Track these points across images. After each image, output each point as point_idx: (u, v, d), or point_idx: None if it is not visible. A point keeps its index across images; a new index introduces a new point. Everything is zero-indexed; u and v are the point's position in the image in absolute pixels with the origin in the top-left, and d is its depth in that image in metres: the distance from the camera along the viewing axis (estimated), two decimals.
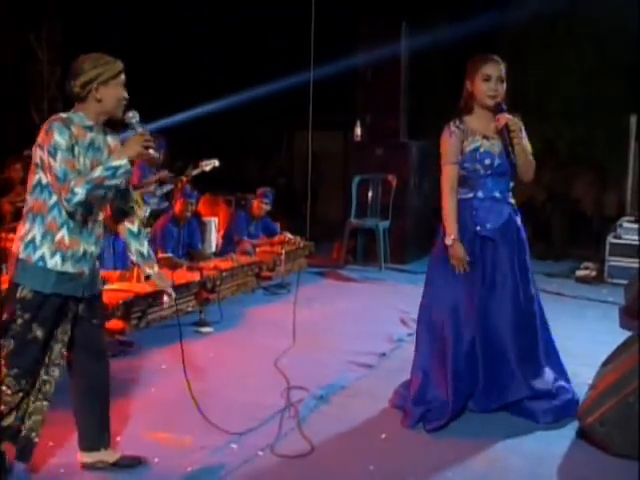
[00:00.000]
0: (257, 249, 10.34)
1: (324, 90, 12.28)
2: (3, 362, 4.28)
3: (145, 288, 7.49)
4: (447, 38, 12.18)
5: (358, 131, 12.16)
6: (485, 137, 5.52)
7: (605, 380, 5.22)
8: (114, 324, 7.26)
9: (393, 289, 10.02)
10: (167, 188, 10.49)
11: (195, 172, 10.38)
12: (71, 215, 4.23)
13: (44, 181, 4.22)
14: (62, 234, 4.25)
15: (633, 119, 11.66)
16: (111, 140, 4.47)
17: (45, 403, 4.47)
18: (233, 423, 5.27)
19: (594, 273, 10.78)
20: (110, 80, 4.30)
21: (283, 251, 10.14)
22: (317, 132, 12.96)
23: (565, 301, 9.52)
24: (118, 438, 4.98)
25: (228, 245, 10.32)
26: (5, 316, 4.27)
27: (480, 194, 5.54)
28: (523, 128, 5.63)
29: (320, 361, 6.90)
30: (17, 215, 11.28)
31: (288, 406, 5.70)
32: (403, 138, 12.11)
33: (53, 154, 4.13)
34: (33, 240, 4.25)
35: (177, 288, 8.02)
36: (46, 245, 4.23)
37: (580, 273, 10.88)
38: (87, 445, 4.64)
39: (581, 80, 12.38)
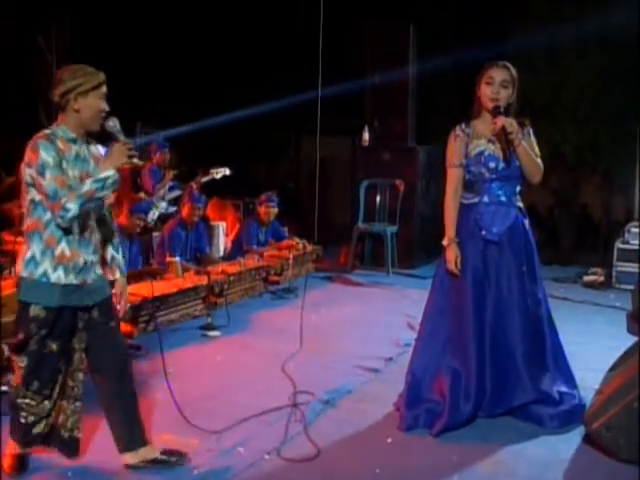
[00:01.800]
0: (265, 254, 10.34)
1: (332, 95, 12.28)
2: (20, 380, 4.39)
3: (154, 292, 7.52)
4: (455, 43, 12.18)
5: (366, 136, 12.15)
6: (490, 141, 5.53)
7: (611, 385, 5.22)
8: (122, 327, 7.27)
9: (400, 294, 10.02)
10: (176, 193, 10.54)
11: (205, 179, 10.45)
12: (68, 229, 4.27)
13: (37, 199, 4.26)
14: (62, 247, 4.30)
15: None
16: (95, 150, 4.53)
17: (78, 404, 4.62)
18: (240, 426, 5.29)
19: (602, 278, 10.76)
20: (90, 91, 4.32)
21: (291, 255, 10.15)
22: (325, 137, 12.97)
23: (572, 306, 9.50)
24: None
25: (237, 252, 10.33)
26: (21, 336, 4.33)
27: (486, 199, 5.55)
28: (532, 131, 5.66)
29: (327, 365, 6.91)
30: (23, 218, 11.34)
31: (295, 410, 5.71)
32: (411, 143, 12.10)
33: (42, 172, 4.16)
34: (33, 257, 4.29)
35: (185, 292, 8.08)
36: (47, 261, 4.28)
37: (588, 278, 10.86)
38: (122, 447, 4.69)
39: (589, 85, 12.36)
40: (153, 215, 10.22)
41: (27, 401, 4.41)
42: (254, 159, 16.41)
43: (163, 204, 10.51)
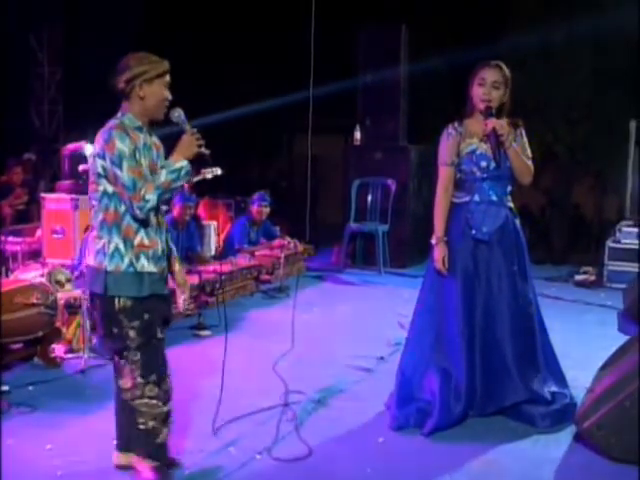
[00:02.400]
0: (256, 253, 10.32)
1: (324, 94, 12.28)
2: (134, 379, 4.27)
3: None
4: (448, 42, 12.19)
5: (358, 135, 12.16)
6: (482, 140, 5.54)
7: (602, 384, 5.22)
8: None
9: (392, 293, 10.02)
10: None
11: (196, 179, 10.36)
12: (144, 219, 4.21)
13: (110, 190, 4.18)
14: (140, 237, 4.23)
15: (633, 124, 11.65)
16: (156, 139, 4.47)
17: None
18: (231, 426, 5.29)
19: (593, 277, 10.78)
20: (155, 79, 4.27)
21: (282, 255, 10.13)
22: (317, 136, 12.97)
23: (564, 305, 9.51)
24: (116, 441, 4.98)
25: (229, 251, 10.31)
26: (115, 330, 4.23)
27: (477, 197, 5.55)
28: (524, 132, 5.66)
29: (318, 364, 6.90)
30: (17, 218, 11.34)
31: (286, 409, 5.71)
32: (403, 142, 12.10)
33: (118, 163, 4.08)
34: (117, 249, 4.19)
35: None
36: (130, 251, 4.20)
37: (579, 277, 10.88)
38: (124, 446, 4.62)
39: (581, 85, 12.37)
40: None
41: (145, 401, 4.28)
42: (246, 158, 16.41)
43: None
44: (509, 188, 5.66)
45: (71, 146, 10.40)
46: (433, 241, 5.58)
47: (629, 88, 11.76)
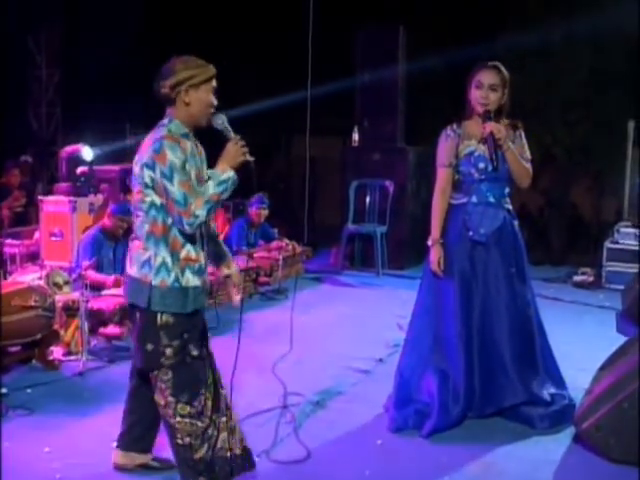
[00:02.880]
0: (255, 255, 10.30)
1: (322, 95, 12.28)
2: (166, 397, 4.16)
3: None
4: (446, 43, 12.18)
5: (356, 136, 12.15)
6: (481, 142, 5.53)
7: (601, 385, 5.23)
8: (111, 329, 7.27)
9: (390, 294, 10.01)
10: None
11: None
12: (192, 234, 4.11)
13: (158, 202, 4.03)
14: (187, 250, 4.11)
15: (631, 125, 11.66)
16: (199, 146, 4.35)
17: (234, 413, 4.43)
18: None
19: (592, 278, 10.77)
20: (201, 84, 4.15)
21: (280, 257, 10.12)
22: (315, 137, 12.97)
23: (562, 306, 9.51)
24: (115, 443, 4.97)
25: None
26: (150, 347, 4.11)
27: (474, 199, 5.56)
28: (523, 134, 5.66)
29: (317, 366, 6.90)
30: (15, 220, 11.32)
31: (285, 411, 5.71)
32: (400, 143, 12.10)
33: (169, 176, 3.95)
34: (164, 263, 4.06)
35: None
36: (176, 265, 4.07)
37: (577, 278, 10.87)
38: (127, 446, 4.62)
39: (579, 85, 12.37)
40: None
41: (178, 419, 4.15)
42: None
43: None
44: (507, 190, 5.65)
45: (69, 148, 10.41)
46: (429, 242, 5.59)
47: (627, 89, 11.76)
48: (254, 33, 14.34)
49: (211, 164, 4.24)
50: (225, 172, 4.07)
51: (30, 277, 7.84)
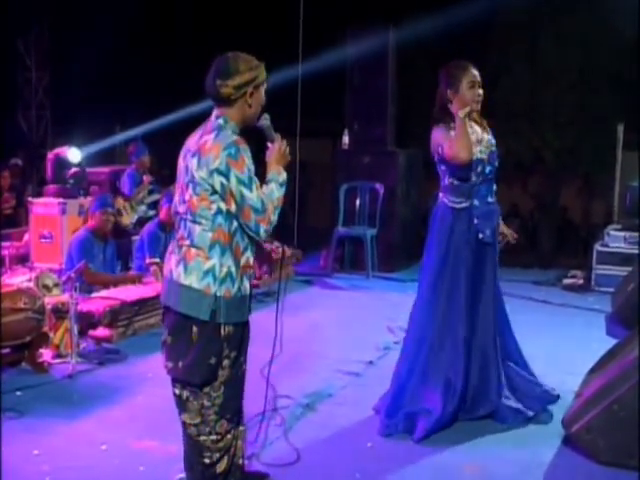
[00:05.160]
0: None
1: (312, 97, 12.26)
2: (213, 413, 3.98)
3: (131, 296, 7.53)
4: (436, 45, 12.18)
5: (346, 139, 12.13)
6: (475, 142, 5.56)
7: (591, 388, 5.24)
8: (100, 332, 7.26)
9: (380, 297, 10.00)
10: (155, 197, 10.51)
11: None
12: (253, 237, 3.99)
13: (224, 209, 3.85)
14: (247, 257, 4.00)
15: (620, 128, 11.70)
16: None
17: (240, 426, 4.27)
18: None
19: (581, 281, 10.78)
20: (261, 85, 4.02)
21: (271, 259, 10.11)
22: (305, 140, 12.94)
23: (552, 309, 9.50)
24: (104, 446, 4.97)
25: None
26: (212, 361, 3.91)
27: (476, 202, 5.59)
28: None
29: (307, 369, 6.90)
30: (5, 222, 11.29)
31: (274, 414, 5.69)
32: (391, 146, 12.09)
33: (247, 183, 3.80)
34: (230, 274, 3.90)
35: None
36: (240, 274, 3.96)
37: (567, 281, 10.87)
38: None
39: (569, 89, 12.40)
40: (133, 219, 10.21)
41: (213, 437, 3.99)
42: None
43: (143, 207, 10.48)
44: (494, 186, 5.71)
45: (55, 151, 10.40)
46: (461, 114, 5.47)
47: (617, 92, 11.80)
48: (243, 33, 14.32)
49: None
50: (281, 173, 4.04)
51: (20, 279, 7.84)
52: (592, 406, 5.02)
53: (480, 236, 5.57)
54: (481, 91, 5.54)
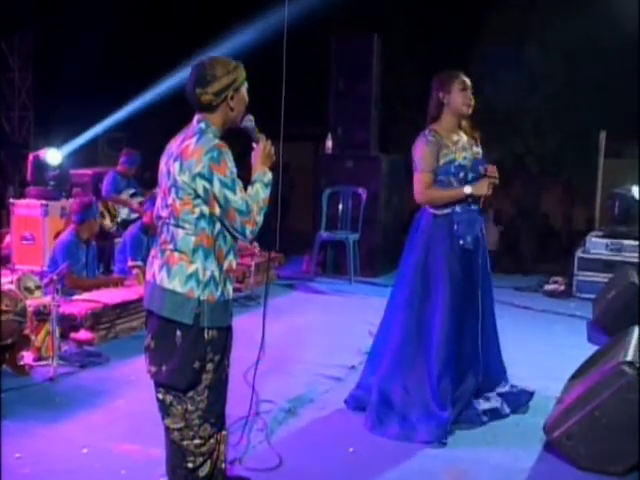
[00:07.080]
0: None
1: (296, 101, 12.27)
2: (197, 418, 3.94)
3: (113, 299, 7.51)
4: (419, 51, 12.22)
5: (329, 143, 12.14)
6: (457, 149, 5.58)
7: (572, 394, 5.26)
8: (82, 334, 7.24)
9: (363, 302, 10.01)
10: (138, 199, 10.50)
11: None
12: (235, 240, 3.98)
13: (207, 213, 3.82)
14: (230, 260, 3.96)
15: (602, 135, 11.77)
16: None
17: (223, 430, 4.21)
18: None
19: (562, 287, 10.82)
20: (241, 85, 3.99)
21: (253, 263, 10.11)
22: (288, 143, 12.95)
23: (533, 315, 9.54)
24: (85, 450, 4.96)
25: None
26: (197, 365, 3.86)
27: (458, 208, 5.60)
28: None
29: (289, 373, 6.90)
30: None
31: (256, 418, 5.68)
32: (374, 151, 12.11)
33: (230, 186, 3.77)
34: (213, 277, 3.86)
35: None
36: (223, 277, 3.92)
37: (548, 287, 10.91)
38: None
39: (551, 96, 12.45)
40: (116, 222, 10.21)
41: (196, 442, 3.95)
42: None
43: (125, 210, 10.47)
44: None
45: (35, 152, 10.38)
46: (467, 191, 5.54)
47: (599, 100, 11.85)
48: (230, 40, 14.32)
49: None
50: (266, 174, 4.04)
51: (1, 281, 7.80)
52: (573, 412, 5.04)
53: (461, 242, 5.59)
54: (472, 97, 5.58)
